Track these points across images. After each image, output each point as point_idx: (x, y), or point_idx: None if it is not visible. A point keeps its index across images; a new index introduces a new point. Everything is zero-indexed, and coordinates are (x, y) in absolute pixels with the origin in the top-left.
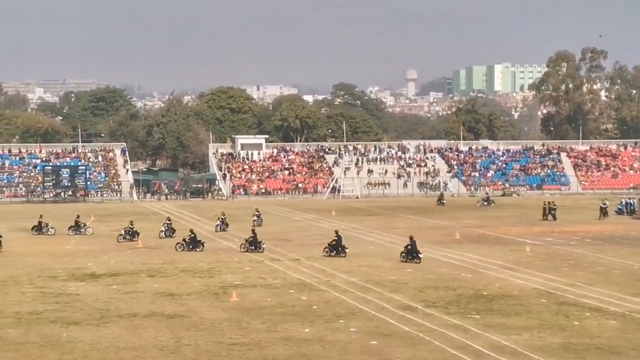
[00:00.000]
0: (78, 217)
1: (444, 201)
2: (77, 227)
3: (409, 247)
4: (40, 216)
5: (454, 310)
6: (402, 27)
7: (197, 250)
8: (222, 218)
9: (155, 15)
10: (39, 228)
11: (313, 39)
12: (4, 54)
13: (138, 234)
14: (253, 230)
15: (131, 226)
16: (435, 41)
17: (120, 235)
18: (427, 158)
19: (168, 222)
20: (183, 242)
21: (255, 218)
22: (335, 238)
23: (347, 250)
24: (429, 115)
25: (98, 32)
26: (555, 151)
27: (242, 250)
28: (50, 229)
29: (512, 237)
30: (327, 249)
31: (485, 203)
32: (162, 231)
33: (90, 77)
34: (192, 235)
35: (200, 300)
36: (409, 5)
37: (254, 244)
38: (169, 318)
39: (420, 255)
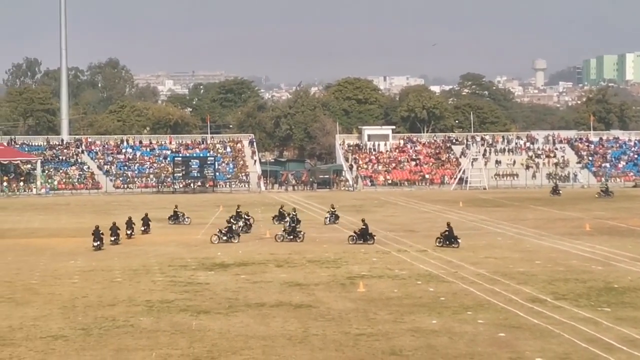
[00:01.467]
0: (176, 207)
1: (560, 191)
2: (175, 217)
3: (447, 233)
4: (176, 206)
5: (584, 303)
6: (529, 16)
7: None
8: (331, 211)
9: (282, 9)
10: (175, 217)
11: (439, 29)
12: (135, 46)
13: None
14: (292, 218)
15: (282, 209)
16: (565, 30)
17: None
18: (557, 149)
19: (332, 209)
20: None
21: (328, 216)
22: (363, 227)
23: (375, 238)
24: (558, 105)
25: (226, 25)
26: None
27: (277, 240)
28: (186, 219)
29: None
30: (353, 237)
31: (604, 194)
32: (326, 217)
33: (218, 68)
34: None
35: (328, 291)
36: None
37: (291, 233)
38: (296, 308)
39: (459, 240)
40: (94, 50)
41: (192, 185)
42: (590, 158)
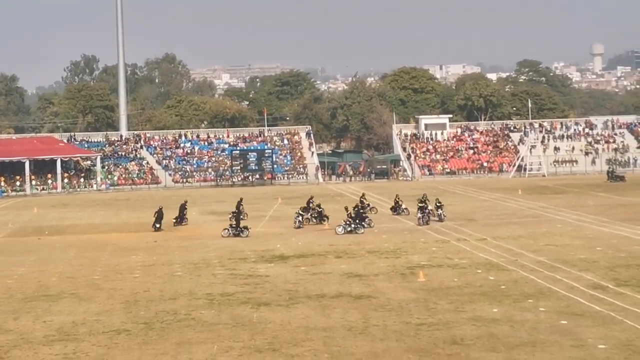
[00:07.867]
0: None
1: (618, 176)
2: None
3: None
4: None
5: None
6: (586, 1)
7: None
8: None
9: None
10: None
11: (495, 15)
12: (191, 41)
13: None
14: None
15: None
16: (622, 14)
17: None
18: (616, 134)
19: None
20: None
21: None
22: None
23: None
24: (617, 90)
25: (281, 17)
26: None
27: (223, 235)
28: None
29: None
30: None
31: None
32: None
33: (274, 61)
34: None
35: (387, 281)
36: None
37: (236, 229)
38: (356, 299)
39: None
40: (150, 46)
41: (250, 178)
42: None
